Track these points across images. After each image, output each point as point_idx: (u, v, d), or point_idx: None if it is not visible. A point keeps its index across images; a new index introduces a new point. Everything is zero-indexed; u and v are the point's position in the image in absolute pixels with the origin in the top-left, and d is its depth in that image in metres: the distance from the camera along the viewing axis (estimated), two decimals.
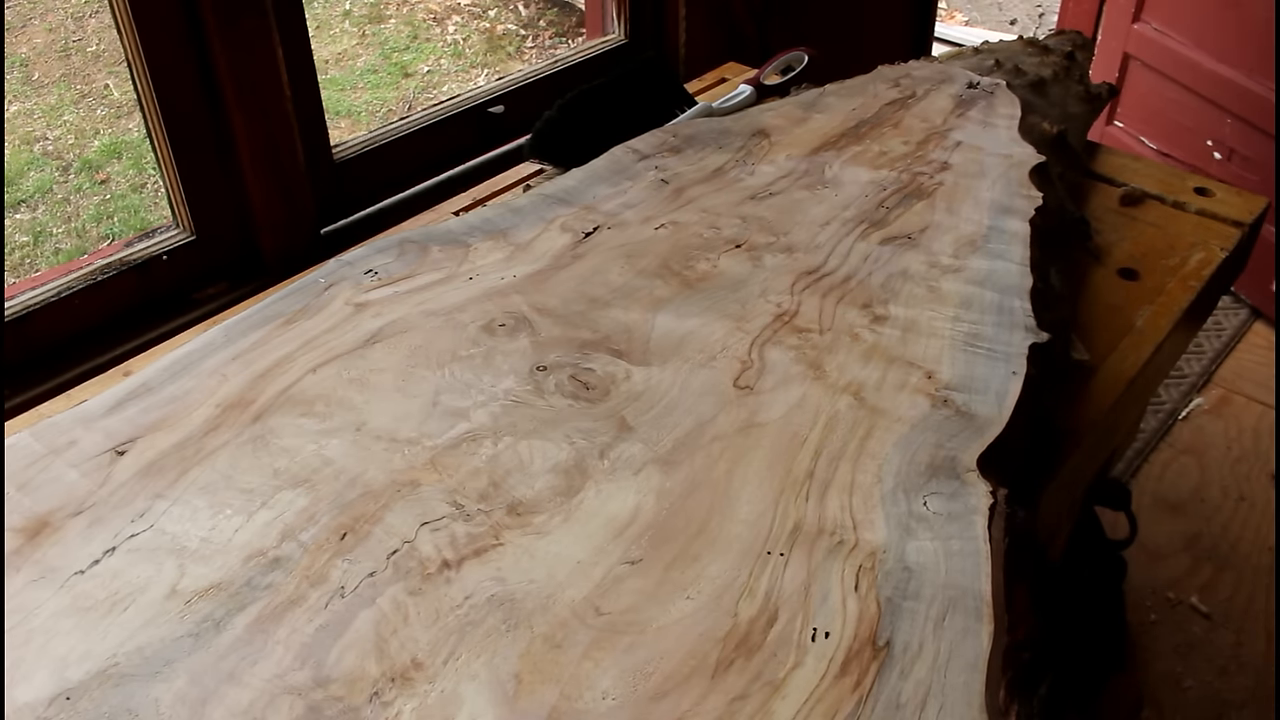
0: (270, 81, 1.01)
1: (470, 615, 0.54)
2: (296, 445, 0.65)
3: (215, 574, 0.57)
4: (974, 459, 0.63)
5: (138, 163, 3.00)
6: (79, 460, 0.64)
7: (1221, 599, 1.64)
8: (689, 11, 1.41)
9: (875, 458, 0.63)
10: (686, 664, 0.52)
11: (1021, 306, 0.76)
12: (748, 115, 1.05)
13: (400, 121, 1.22)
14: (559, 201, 0.90)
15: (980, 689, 0.50)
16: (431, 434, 0.66)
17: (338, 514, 0.60)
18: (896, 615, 0.54)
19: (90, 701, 0.51)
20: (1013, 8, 4.00)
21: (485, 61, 3.63)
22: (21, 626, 0.54)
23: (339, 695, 0.51)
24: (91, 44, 3.45)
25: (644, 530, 0.59)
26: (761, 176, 0.94)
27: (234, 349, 0.73)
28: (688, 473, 0.63)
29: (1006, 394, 0.68)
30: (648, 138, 1.00)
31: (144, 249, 1.02)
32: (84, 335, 0.99)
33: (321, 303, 0.77)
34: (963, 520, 0.59)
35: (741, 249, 0.83)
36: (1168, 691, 1.50)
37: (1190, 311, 0.93)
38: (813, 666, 0.51)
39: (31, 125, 3.15)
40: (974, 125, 1.01)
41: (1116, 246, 0.99)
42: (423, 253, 0.83)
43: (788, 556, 0.57)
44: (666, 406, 0.68)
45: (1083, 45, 1.21)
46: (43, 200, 2.89)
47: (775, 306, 0.77)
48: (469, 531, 0.59)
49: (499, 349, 0.73)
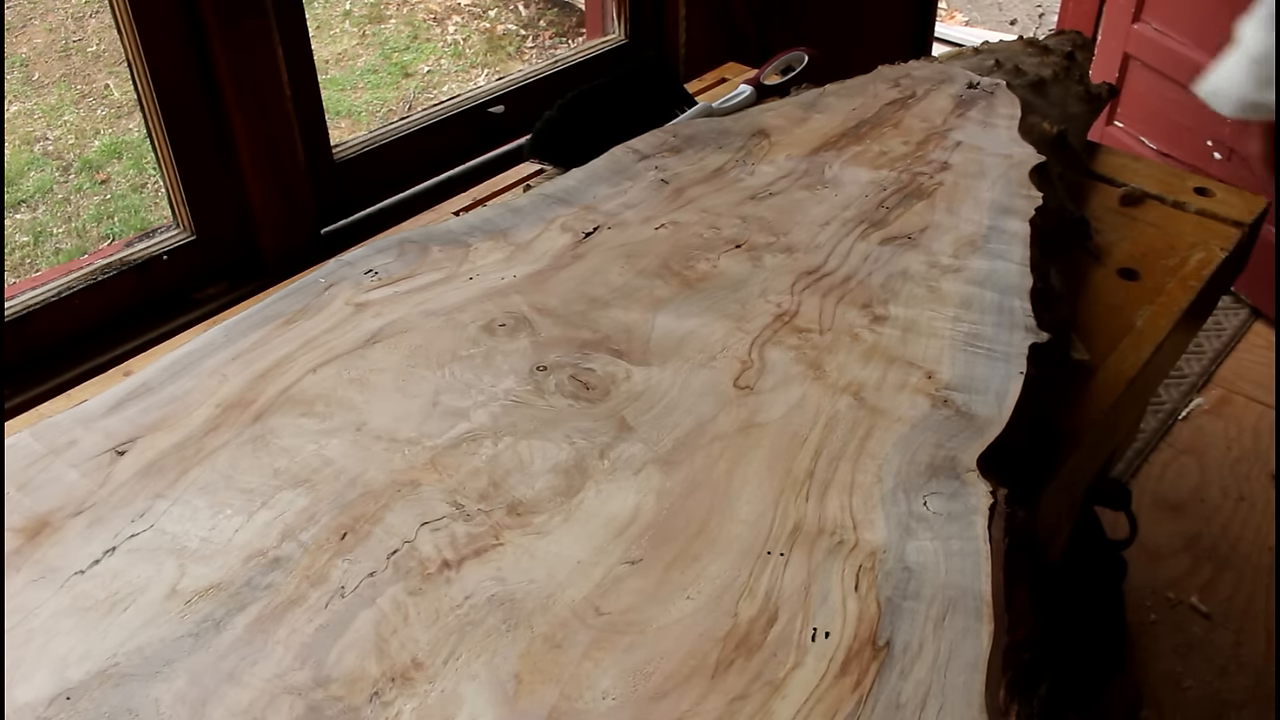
0: (270, 81, 1.01)
1: (470, 615, 0.54)
2: (297, 445, 0.65)
3: (215, 574, 0.57)
4: (974, 459, 0.63)
5: (138, 163, 3.01)
6: (79, 460, 0.64)
7: (1221, 599, 1.64)
8: (689, 11, 1.41)
9: (875, 458, 0.63)
10: (687, 664, 0.52)
11: (1021, 306, 0.76)
12: (748, 115, 1.05)
13: (400, 121, 1.22)
14: (559, 201, 0.90)
15: (980, 689, 0.50)
16: (431, 434, 0.66)
17: (338, 514, 0.60)
18: (896, 615, 0.54)
19: (90, 701, 0.51)
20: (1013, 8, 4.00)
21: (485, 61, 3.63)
22: (22, 626, 0.54)
23: (339, 695, 0.51)
24: (92, 44, 3.45)
25: (644, 530, 0.59)
26: (761, 176, 0.94)
27: (234, 349, 0.73)
28: (688, 473, 0.63)
29: (1006, 394, 0.68)
30: (648, 138, 1.00)
31: (144, 249, 1.02)
32: (84, 335, 0.99)
33: (322, 303, 0.77)
34: (963, 520, 0.59)
35: (741, 249, 0.83)
36: (1168, 691, 1.50)
37: (1190, 311, 0.93)
38: (813, 666, 0.51)
39: (32, 125, 3.15)
40: (974, 125, 1.01)
41: (1116, 246, 0.99)
42: (423, 253, 0.83)
43: (788, 556, 0.57)
44: (667, 406, 0.68)
45: (1083, 45, 1.21)
46: (43, 200, 2.89)
47: (775, 306, 0.77)
48: (469, 531, 0.59)
49: (499, 349, 0.73)
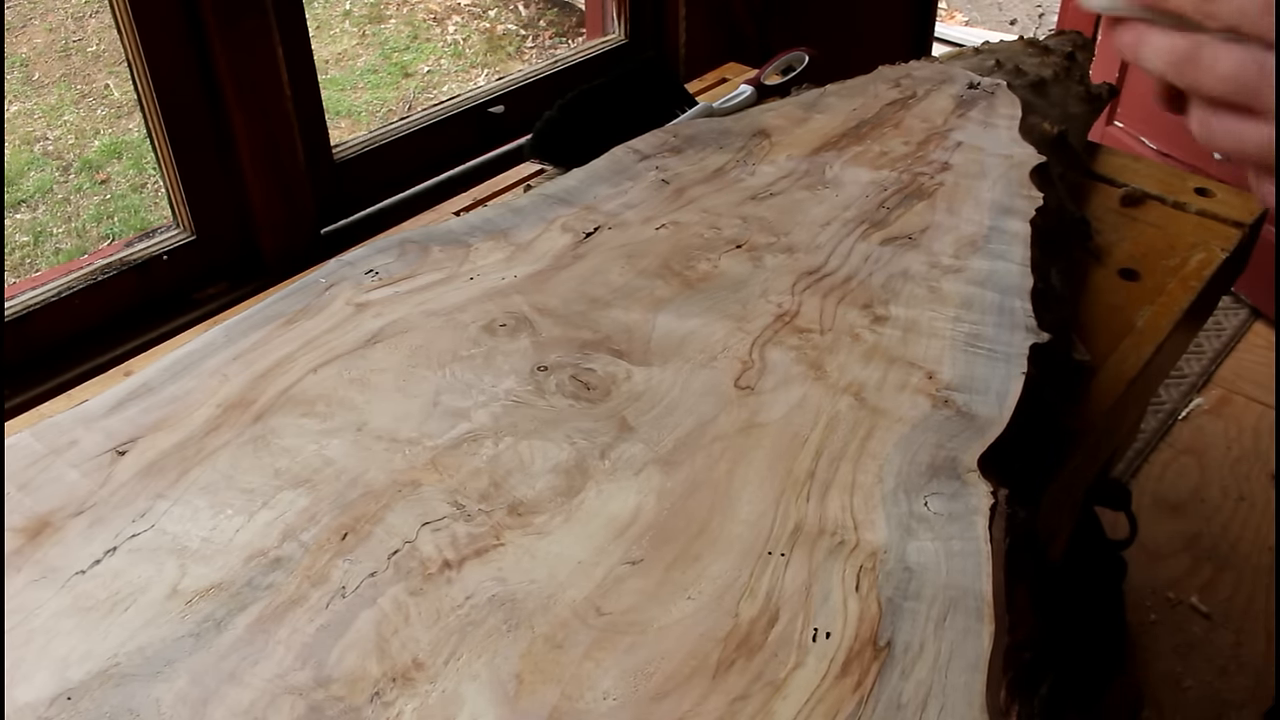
0: (270, 81, 1.01)
1: (471, 615, 0.54)
2: (297, 445, 0.65)
3: (216, 574, 0.57)
4: (975, 459, 0.63)
5: (138, 163, 3.01)
6: (80, 460, 0.64)
7: (1221, 599, 1.64)
8: (689, 11, 1.41)
9: (876, 458, 0.63)
10: (687, 664, 0.52)
11: (1022, 307, 0.76)
12: (748, 115, 1.05)
13: (400, 121, 1.22)
14: (559, 201, 0.90)
15: (981, 689, 0.50)
16: (432, 434, 0.66)
17: (339, 514, 0.60)
18: (897, 615, 0.54)
19: (91, 701, 0.51)
20: (1013, 8, 4.00)
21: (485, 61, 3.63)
22: (22, 626, 0.54)
23: (340, 695, 0.51)
24: (92, 44, 3.45)
25: (645, 530, 0.59)
26: (762, 177, 0.94)
27: (234, 349, 0.73)
28: (688, 473, 0.63)
29: (1007, 394, 0.68)
30: (648, 138, 1.00)
31: (144, 249, 1.02)
32: (84, 335, 0.99)
33: (322, 303, 0.77)
34: (963, 520, 0.59)
35: (742, 249, 0.83)
36: (1168, 691, 1.50)
37: (1190, 312, 0.93)
38: (814, 667, 0.51)
39: (32, 125, 3.15)
40: (974, 125, 1.01)
41: (1117, 247, 0.99)
42: (423, 253, 0.83)
43: (789, 557, 0.57)
44: (667, 407, 0.68)
45: (1083, 45, 1.21)
46: (43, 200, 2.89)
47: (776, 307, 0.77)
48: (470, 531, 0.59)
49: (500, 349, 0.73)
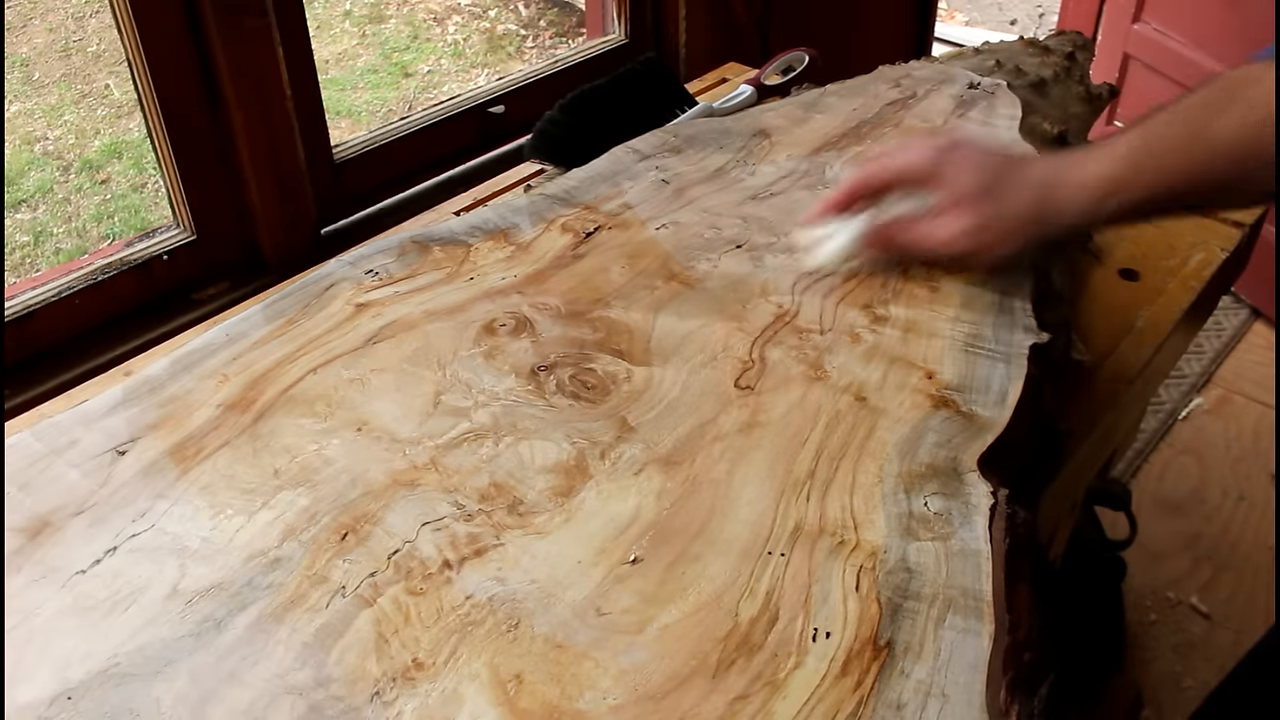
0: (270, 81, 1.01)
1: (471, 615, 0.54)
2: (297, 445, 0.65)
3: (216, 574, 0.57)
4: (975, 459, 0.63)
5: (138, 163, 3.01)
6: (80, 460, 0.64)
7: (1221, 599, 1.64)
8: (689, 11, 1.41)
9: (876, 458, 0.63)
10: (687, 664, 0.52)
11: (1022, 307, 0.76)
12: (748, 115, 1.05)
13: (400, 121, 1.22)
14: (560, 201, 0.90)
15: (981, 689, 0.50)
16: (432, 434, 0.66)
17: (338, 514, 0.60)
18: (897, 615, 0.54)
19: (92, 701, 0.51)
20: (1013, 8, 4.00)
21: (485, 61, 3.63)
22: (23, 626, 0.54)
23: (340, 695, 0.51)
24: (92, 44, 3.45)
25: (645, 530, 0.59)
26: (762, 177, 0.94)
27: (234, 349, 0.73)
28: (688, 473, 0.63)
29: (1007, 394, 0.68)
30: (648, 138, 1.00)
31: (144, 249, 1.02)
32: (84, 335, 0.99)
33: (322, 303, 0.77)
34: (963, 520, 0.59)
35: (742, 249, 0.83)
36: (1168, 691, 1.50)
37: (1190, 312, 0.93)
38: (814, 667, 0.51)
39: (32, 125, 3.15)
40: (975, 125, 1.01)
41: (1116, 247, 0.99)
42: (423, 252, 0.83)
43: (789, 557, 0.57)
44: (667, 406, 0.68)
45: (1083, 46, 1.21)
46: (43, 200, 2.90)
47: (776, 307, 0.77)
48: (470, 531, 0.59)
49: (500, 349, 0.73)
